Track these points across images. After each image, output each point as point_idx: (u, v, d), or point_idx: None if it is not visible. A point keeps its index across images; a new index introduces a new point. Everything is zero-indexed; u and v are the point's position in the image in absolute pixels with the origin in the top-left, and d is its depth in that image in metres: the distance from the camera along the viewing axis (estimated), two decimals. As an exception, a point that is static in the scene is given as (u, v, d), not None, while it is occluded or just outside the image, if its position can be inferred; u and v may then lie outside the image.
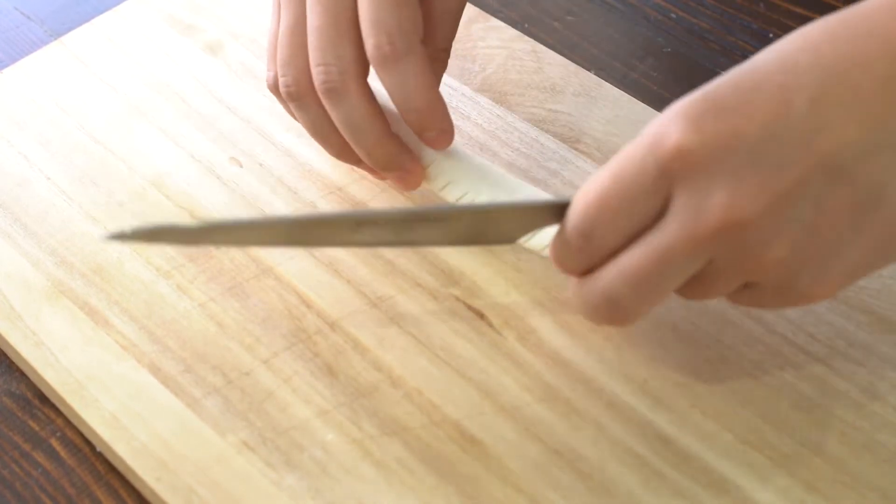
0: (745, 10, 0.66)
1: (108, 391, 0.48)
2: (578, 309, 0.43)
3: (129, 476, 0.47)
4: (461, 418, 0.47)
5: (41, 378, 0.49)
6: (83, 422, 0.47)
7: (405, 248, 0.52)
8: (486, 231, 0.45)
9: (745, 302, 0.43)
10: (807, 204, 0.38)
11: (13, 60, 0.63)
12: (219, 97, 0.60)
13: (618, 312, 0.42)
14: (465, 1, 0.52)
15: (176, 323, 0.50)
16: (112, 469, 0.48)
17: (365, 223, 0.44)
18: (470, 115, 0.58)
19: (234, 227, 0.44)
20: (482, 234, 0.46)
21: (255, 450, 0.46)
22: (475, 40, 0.62)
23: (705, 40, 0.64)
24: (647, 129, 0.40)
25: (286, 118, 0.58)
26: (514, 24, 0.64)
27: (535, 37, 0.63)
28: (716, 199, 0.38)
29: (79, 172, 0.56)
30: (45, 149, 0.58)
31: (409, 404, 0.47)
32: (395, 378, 0.48)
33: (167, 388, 0.48)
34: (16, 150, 0.58)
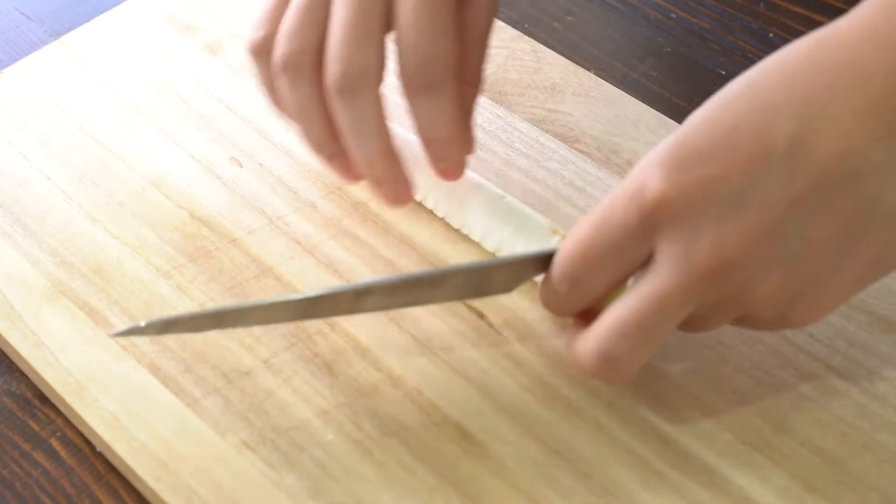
0: (745, 10, 0.66)
1: (108, 391, 0.48)
2: (577, 365, 0.43)
3: (129, 476, 0.47)
4: (461, 418, 0.47)
5: (41, 378, 0.49)
6: (83, 422, 0.47)
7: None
8: (482, 286, 0.46)
9: (743, 326, 0.43)
10: (793, 237, 0.38)
11: (13, 60, 0.63)
12: (219, 97, 0.60)
13: (615, 370, 0.41)
14: (494, 22, 0.50)
15: (176, 323, 0.50)
16: (112, 469, 0.48)
17: (365, 293, 0.44)
18: (470, 115, 0.58)
19: (245, 311, 0.44)
20: (479, 288, 0.46)
21: (255, 450, 0.46)
22: (475, 40, 0.62)
23: (705, 40, 0.64)
24: (628, 178, 0.40)
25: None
26: (514, 24, 0.64)
27: (535, 37, 0.63)
28: (702, 244, 0.38)
29: (79, 172, 0.56)
30: (45, 149, 0.58)
31: (409, 404, 0.47)
32: (395, 378, 0.48)
33: (167, 388, 0.48)
34: (16, 150, 0.58)
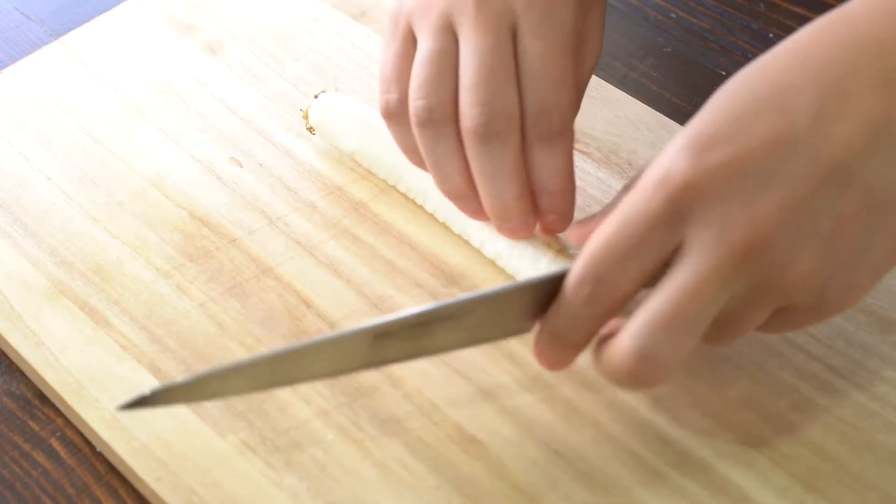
0: (745, 10, 0.66)
1: (108, 391, 0.48)
2: (608, 378, 0.40)
3: (129, 476, 0.47)
4: (461, 418, 0.47)
5: (41, 378, 0.49)
6: (83, 422, 0.47)
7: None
8: (498, 322, 0.43)
9: (777, 328, 0.42)
10: (823, 215, 0.38)
11: (13, 60, 0.63)
12: (219, 97, 0.60)
13: (656, 368, 0.39)
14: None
15: (176, 323, 0.50)
16: (112, 469, 0.48)
17: (382, 335, 0.42)
18: (470, 115, 0.58)
19: (273, 362, 0.41)
20: (494, 327, 0.43)
21: (255, 450, 0.46)
22: (475, 40, 0.62)
23: (705, 40, 0.64)
24: (650, 168, 0.39)
25: (286, 118, 0.59)
26: (514, 24, 0.64)
27: (535, 37, 0.63)
28: (735, 224, 0.38)
29: (79, 172, 0.56)
30: (45, 149, 0.58)
31: (409, 404, 0.47)
32: (395, 378, 0.48)
33: (167, 388, 0.48)
34: (16, 150, 0.58)
